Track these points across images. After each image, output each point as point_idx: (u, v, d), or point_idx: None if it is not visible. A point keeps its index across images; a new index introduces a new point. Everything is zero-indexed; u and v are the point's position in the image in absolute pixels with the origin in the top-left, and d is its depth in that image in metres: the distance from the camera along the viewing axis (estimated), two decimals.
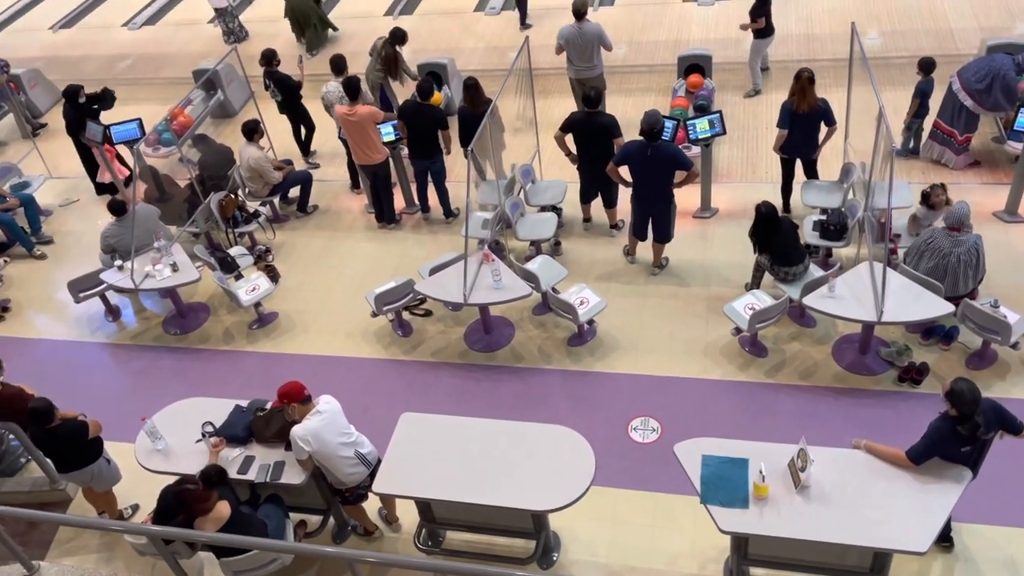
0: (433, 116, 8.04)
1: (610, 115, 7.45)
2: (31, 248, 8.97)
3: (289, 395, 4.88)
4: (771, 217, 6.45)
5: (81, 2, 14.98)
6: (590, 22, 8.87)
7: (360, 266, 8.28)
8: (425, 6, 13.05)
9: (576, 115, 7.53)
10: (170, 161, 9.63)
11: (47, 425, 5.33)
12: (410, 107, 8.07)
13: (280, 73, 9.30)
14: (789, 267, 6.54)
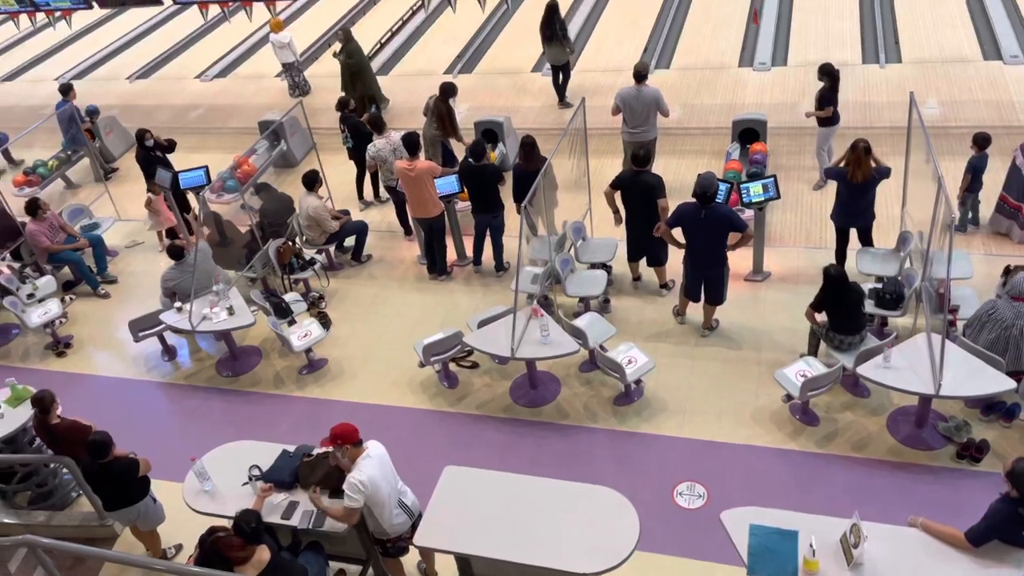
0: (490, 173, 8.26)
1: (656, 175, 7.52)
2: (96, 287, 9.30)
3: (343, 436, 4.90)
4: (841, 280, 6.33)
5: (158, 54, 15.73)
6: (649, 86, 9.02)
7: (410, 316, 8.38)
8: (484, 65, 13.41)
9: (624, 173, 7.64)
10: (233, 207, 9.95)
11: (102, 459, 5.45)
12: (467, 168, 8.27)
13: (355, 118, 9.65)
14: (847, 335, 6.42)
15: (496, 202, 8.35)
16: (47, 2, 11.48)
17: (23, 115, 12.95)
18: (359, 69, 11.46)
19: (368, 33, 14.97)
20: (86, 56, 16.15)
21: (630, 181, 7.51)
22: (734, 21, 13.19)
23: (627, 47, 12.92)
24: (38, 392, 6.09)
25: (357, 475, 4.81)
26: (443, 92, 9.60)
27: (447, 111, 9.63)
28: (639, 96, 8.98)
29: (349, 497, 4.82)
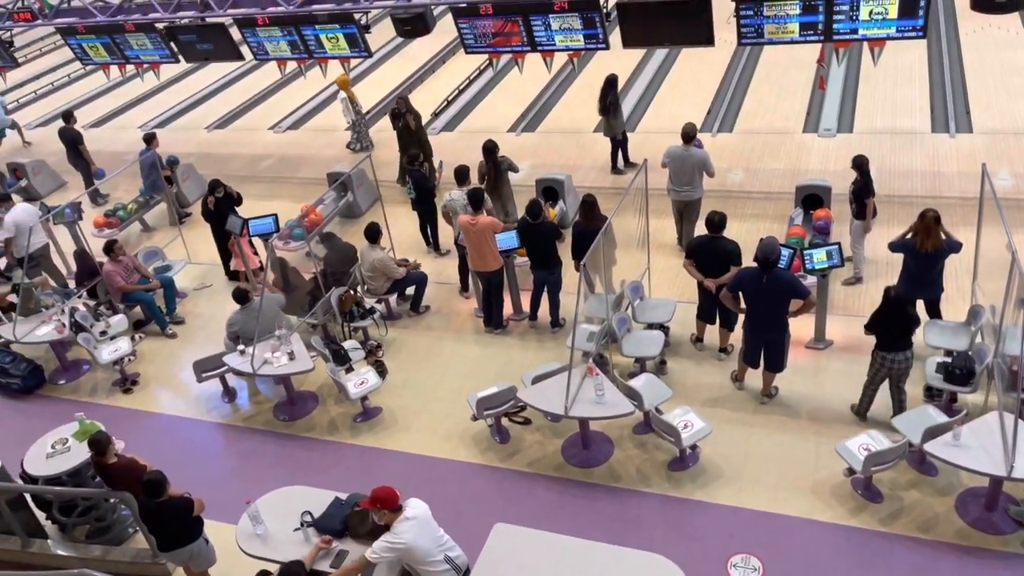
0: (547, 231, 8.36)
1: (734, 242, 7.46)
2: (165, 327, 9.61)
3: (383, 501, 4.92)
4: (902, 303, 6.47)
5: (235, 106, 16.45)
6: (698, 148, 9.11)
7: (464, 368, 8.42)
8: (547, 124, 13.65)
9: (701, 239, 7.59)
10: (298, 255, 10.23)
11: (158, 498, 5.56)
12: (524, 226, 8.37)
13: (420, 173, 9.94)
14: (895, 353, 6.51)
15: (553, 259, 8.42)
16: (137, 55, 12.15)
17: (107, 160, 13.62)
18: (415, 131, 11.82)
19: (436, 91, 15.45)
20: (169, 106, 16.98)
21: (706, 247, 7.47)
22: (799, 87, 13.20)
23: (690, 109, 13.00)
24: (94, 435, 6.27)
25: (391, 537, 4.85)
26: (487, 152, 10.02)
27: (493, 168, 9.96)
28: (686, 156, 9.11)
29: (374, 552, 4.86)
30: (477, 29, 9.91)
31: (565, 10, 9.25)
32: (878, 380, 6.78)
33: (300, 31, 10.73)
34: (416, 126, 11.62)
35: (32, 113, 17.90)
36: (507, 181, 10.33)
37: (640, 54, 14.97)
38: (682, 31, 9.05)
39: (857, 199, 8.37)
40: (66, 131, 12.86)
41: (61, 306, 9.20)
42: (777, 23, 8.49)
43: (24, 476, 6.72)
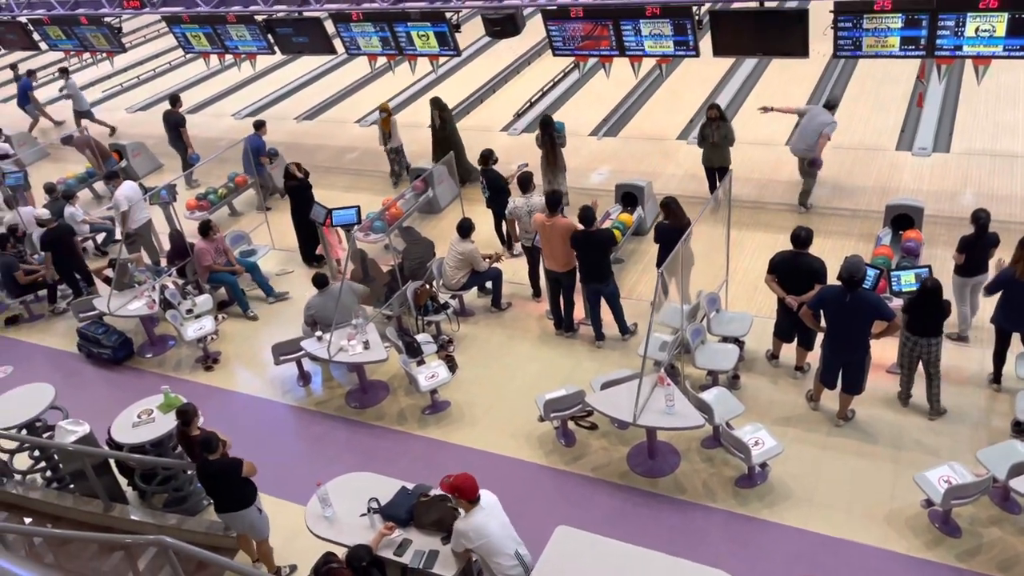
0: (600, 240, 8.17)
1: (818, 259, 7.24)
2: (246, 309, 9.94)
3: (461, 491, 5.00)
4: (937, 293, 6.68)
5: (325, 98, 16.87)
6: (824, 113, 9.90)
7: (533, 369, 8.45)
8: (629, 130, 13.56)
9: (784, 255, 7.38)
10: (378, 247, 10.44)
11: (210, 454, 5.79)
12: (576, 234, 8.19)
13: (495, 172, 10.02)
14: (921, 338, 6.78)
15: (605, 270, 8.24)
16: (236, 45, 12.60)
17: (202, 146, 14.16)
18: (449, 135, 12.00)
19: (520, 91, 15.53)
20: (261, 96, 17.53)
21: (790, 263, 7.28)
22: (894, 102, 12.78)
23: (779, 122, 12.70)
24: (182, 405, 6.55)
25: (462, 524, 4.92)
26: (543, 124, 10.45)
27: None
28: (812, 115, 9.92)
29: (455, 540, 4.93)
30: (566, 32, 9.93)
31: (656, 16, 9.18)
32: (908, 362, 6.99)
33: (392, 27, 10.95)
34: (443, 126, 11.76)
35: (134, 97, 18.75)
36: (561, 155, 10.68)
37: (729, 61, 14.73)
38: (776, 42, 8.88)
39: (966, 251, 7.51)
40: (170, 114, 13.42)
41: (153, 283, 9.63)
42: (877, 36, 8.25)
43: (110, 442, 7.05)
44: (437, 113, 11.95)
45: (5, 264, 10.22)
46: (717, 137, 9.99)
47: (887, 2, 8.04)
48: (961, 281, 7.67)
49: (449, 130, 12.02)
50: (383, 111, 12.19)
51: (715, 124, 10.02)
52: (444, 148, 11.76)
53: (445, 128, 12.01)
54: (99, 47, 13.93)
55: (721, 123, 10.04)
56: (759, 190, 10.94)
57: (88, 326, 9.53)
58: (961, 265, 7.57)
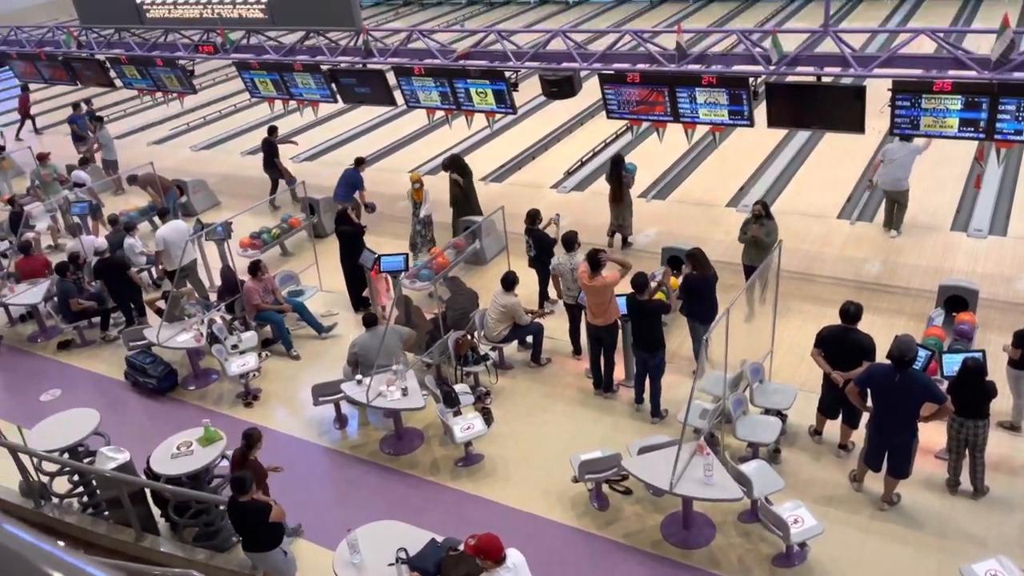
0: (652, 310, 8.10)
1: (868, 336, 7.12)
2: (290, 348, 10.08)
3: (486, 552, 4.94)
4: (980, 374, 6.64)
5: (380, 147, 17.28)
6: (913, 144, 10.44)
7: (570, 427, 8.38)
8: (678, 194, 13.60)
9: (832, 330, 7.27)
10: (422, 295, 10.55)
11: (241, 494, 5.82)
12: (629, 301, 8.19)
13: (540, 232, 10.10)
14: (968, 420, 6.66)
15: (657, 341, 8.14)
16: (300, 92, 13.05)
17: (260, 184, 14.59)
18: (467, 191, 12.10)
19: (571, 150, 15.73)
20: (321, 141, 18.02)
21: (838, 338, 7.17)
22: (950, 182, 12.63)
23: (830, 194, 12.69)
24: (249, 428, 6.78)
25: None
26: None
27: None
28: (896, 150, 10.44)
29: None
30: (622, 96, 10.09)
31: (713, 85, 9.29)
32: (956, 446, 6.82)
33: (452, 83, 11.25)
34: (465, 183, 11.88)
35: (198, 136, 19.43)
36: (628, 194, 11.27)
37: (783, 131, 14.75)
38: (832, 116, 8.91)
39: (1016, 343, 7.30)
40: (267, 142, 14.20)
41: (201, 317, 9.84)
42: (935, 116, 8.21)
43: (148, 472, 7.14)
44: (456, 172, 12.00)
45: (63, 290, 10.56)
46: (761, 234, 9.32)
47: (947, 84, 8.03)
48: (1016, 374, 7.43)
49: (467, 186, 12.09)
50: (415, 182, 11.97)
51: (759, 221, 9.40)
52: (462, 205, 11.93)
53: (463, 185, 12.05)
54: (171, 88, 14.53)
55: (766, 220, 9.41)
56: (808, 261, 10.84)
57: (136, 355, 9.75)
58: (1016, 360, 7.34)
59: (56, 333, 11.09)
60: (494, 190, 14.38)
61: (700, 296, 8.51)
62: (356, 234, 10.73)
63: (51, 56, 15.55)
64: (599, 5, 28.35)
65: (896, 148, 10.64)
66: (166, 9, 13.79)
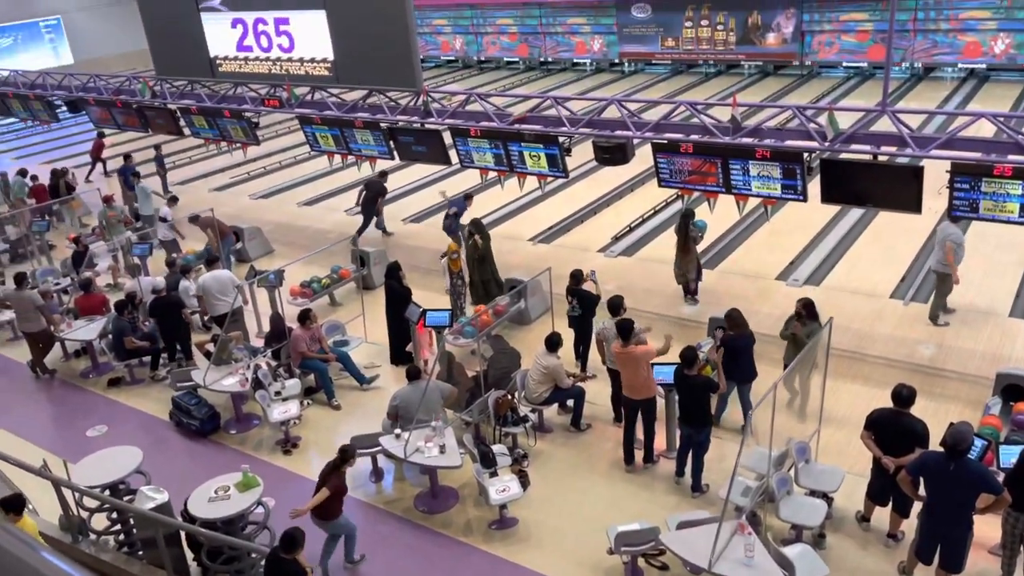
0: (699, 385, 7.99)
1: (921, 421, 6.91)
2: (331, 398, 10.15)
3: None
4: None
5: (431, 204, 17.58)
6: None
7: (607, 496, 8.22)
8: (727, 264, 13.52)
9: (883, 413, 7.07)
10: (465, 351, 10.57)
11: (287, 553, 5.79)
12: (677, 374, 8.11)
13: (584, 291, 10.13)
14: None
15: (703, 417, 8.01)
16: (359, 148, 13.42)
17: (312, 237, 14.94)
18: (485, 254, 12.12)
19: (620, 215, 15.81)
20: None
21: (889, 422, 6.97)
22: (1009, 267, 12.34)
23: (883, 273, 12.48)
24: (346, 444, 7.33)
25: None
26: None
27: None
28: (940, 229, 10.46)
29: None
30: (674, 165, 10.17)
31: (766, 159, 9.31)
32: (1010, 542, 6.41)
33: (506, 146, 11.47)
34: (483, 245, 11.95)
35: (257, 186, 20.03)
36: (694, 248, 11.51)
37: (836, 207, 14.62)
38: (888, 195, 8.84)
39: None
40: (375, 183, 14.91)
41: (248, 362, 9.98)
42: (995, 200, 8.10)
43: (184, 514, 7.18)
44: (476, 235, 12.05)
45: (119, 328, 10.84)
46: (801, 334, 8.77)
47: (1007, 168, 7.92)
48: None
49: (484, 250, 12.12)
50: (452, 252, 11.93)
51: (801, 320, 8.88)
52: (481, 267, 12.00)
53: (482, 249, 12.09)
54: (236, 138, 15.07)
55: (809, 321, 8.87)
56: (859, 340, 10.62)
57: (182, 396, 9.91)
58: None
59: (108, 370, 11.36)
60: (541, 251, 14.49)
61: (739, 356, 8.57)
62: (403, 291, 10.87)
63: (126, 104, 16.29)
64: (653, 75, 28.79)
65: (941, 226, 10.59)
66: (237, 64, 14.42)
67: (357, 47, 12.59)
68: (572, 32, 30.20)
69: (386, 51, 12.14)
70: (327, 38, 12.88)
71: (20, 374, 11.68)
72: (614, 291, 9.74)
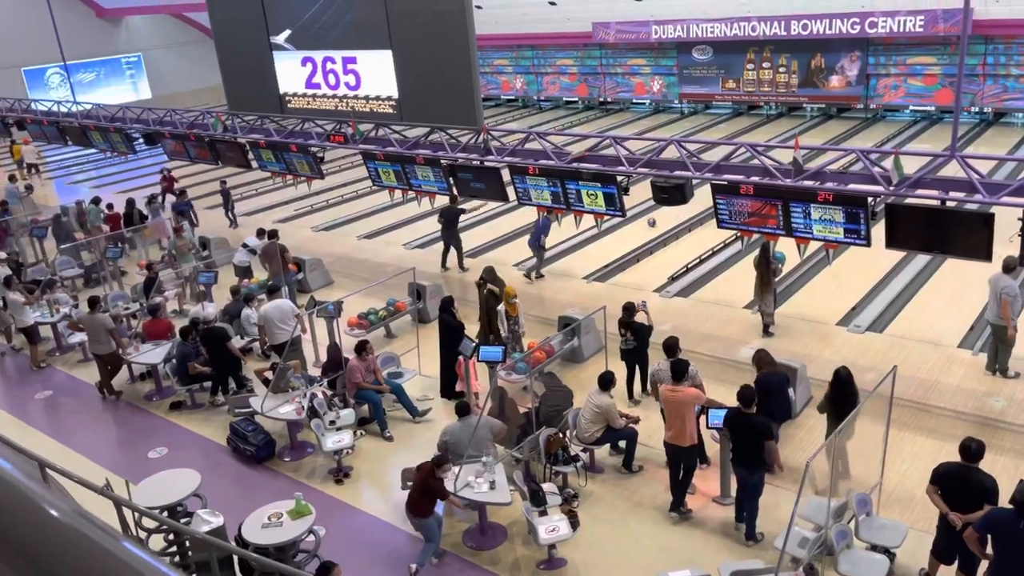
0: (755, 426, 7.79)
1: (990, 476, 6.63)
2: (384, 429, 10.24)
3: None
4: None
5: (488, 240, 17.76)
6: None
7: (658, 540, 8.07)
8: (787, 308, 13.26)
9: (950, 466, 6.81)
10: (517, 387, 10.57)
11: None
12: (733, 415, 7.97)
13: (638, 323, 10.08)
14: None
15: (758, 458, 7.81)
16: (419, 184, 13.68)
17: (371, 269, 15.21)
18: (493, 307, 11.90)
19: (676, 256, 15.70)
20: (432, 230, 18.66)
21: (957, 477, 6.69)
22: None
23: (951, 322, 12.10)
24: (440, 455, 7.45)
25: None
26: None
27: None
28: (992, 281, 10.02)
29: None
30: (733, 207, 10.09)
31: (829, 202, 9.18)
32: None
33: (564, 184, 11.56)
34: (500, 293, 11.77)
35: (319, 218, 20.53)
36: (773, 280, 11.55)
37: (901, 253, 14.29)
38: (956, 242, 8.62)
39: None
40: (449, 209, 15.08)
41: (304, 390, 10.16)
42: None
43: (238, 539, 7.29)
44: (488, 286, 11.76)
45: (183, 353, 11.17)
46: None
47: None
48: None
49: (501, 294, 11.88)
50: (512, 296, 11.78)
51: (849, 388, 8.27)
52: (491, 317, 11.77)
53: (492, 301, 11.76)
54: (301, 172, 15.53)
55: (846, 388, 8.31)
56: (925, 391, 10.28)
57: (240, 422, 10.12)
58: None
59: (170, 393, 11.68)
60: (596, 289, 14.46)
61: (773, 394, 8.50)
62: (456, 325, 10.96)
63: (199, 137, 16.96)
64: (713, 116, 28.74)
65: (993, 278, 10.12)
66: (305, 100, 14.92)
67: (421, 86, 12.91)
68: (632, 73, 30.42)
69: (449, 90, 12.43)
70: (392, 77, 13.24)
71: (88, 394, 12.09)
72: (669, 332, 9.66)
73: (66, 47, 23.84)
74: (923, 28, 22.70)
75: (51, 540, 1.42)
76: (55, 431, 11.26)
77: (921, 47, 24.21)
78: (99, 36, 38.66)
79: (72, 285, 16.14)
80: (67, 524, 1.43)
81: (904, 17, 22.84)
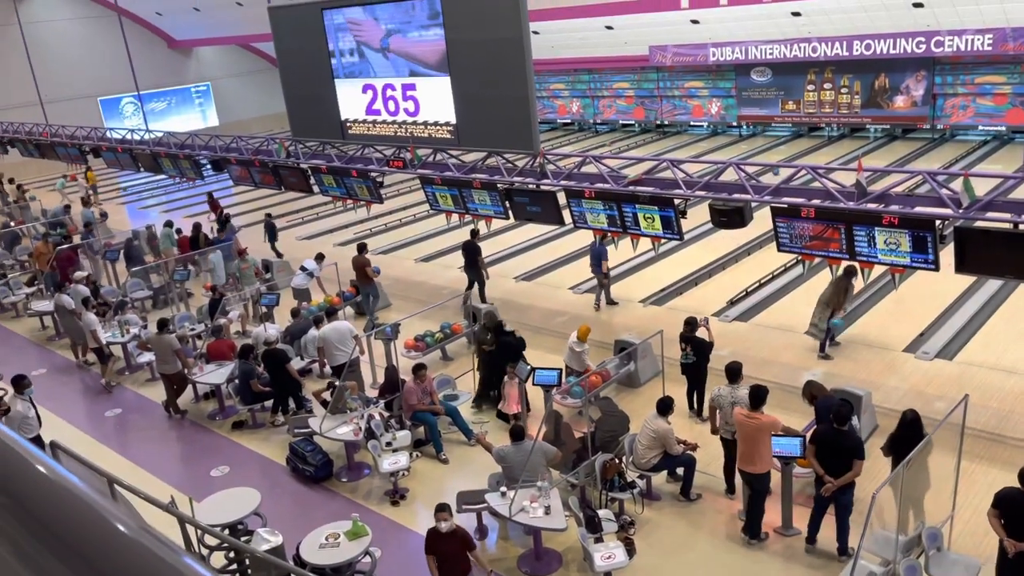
0: (853, 444, 7.63)
1: None
2: (440, 451, 10.27)
3: None
4: None
5: (543, 263, 17.78)
6: None
7: (717, 571, 7.92)
8: (850, 333, 12.92)
9: (1013, 491, 6.58)
10: (572, 412, 10.50)
11: None
12: (826, 432, 7.79)
13: (699, 338, 9.93)
14: None
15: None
16: (476, 207, 13.80)
17: (428, 292, 15.36)
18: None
19: (736, 279, 15.46)
20: (488, 253, 18.76)
21: (1020, 503, 6.48)
22: None
23: (1019, 349, 11.61)
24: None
25: None
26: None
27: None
28: None
29: None
30: (794, 230, 9.91)
31: (895, 226, 8.93)
32: None
33: (620, 207, 11.51)
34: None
35: (377, 242, 20.83)
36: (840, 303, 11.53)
37: (970, 278, 13.81)
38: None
39: None
40: (470, 244, 15.02)
41: (362, 411, 10.27)
42: None
43: (296, 559, 7.38)
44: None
45: (245, 372, 11.42)
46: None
47: None
48: None
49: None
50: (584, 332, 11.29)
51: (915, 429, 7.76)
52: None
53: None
54: (361, 196, 15.83)
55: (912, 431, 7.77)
56: (999, 420, 9.87)
57: (299, 442, 10.28)
58: None
59: (233, 413, 11.95)
60: (653, 313, 14.33)
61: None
62: (516, 346, 10.96)
63: (263, 163, 17.45)
64: (772, 138, 28.36)
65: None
66: (366, 127, 15.23)
67: (478, 111, 13.06)
68: (689, 95, 30.28)
69: (506, 115, 12.54)
70: (450, 103, 13.44)
71: (155, 413, 12.45)
72: (728, 356, 9.48)
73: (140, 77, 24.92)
74: (991, 47, 22.05)
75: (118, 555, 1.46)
76: (123, 448, 11.61)
77: (990, 66, 23.53)
78: (171, 66, 40.30)
79: (141, 306, 16.70)
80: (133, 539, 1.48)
81: (971, 36, 22.24)
